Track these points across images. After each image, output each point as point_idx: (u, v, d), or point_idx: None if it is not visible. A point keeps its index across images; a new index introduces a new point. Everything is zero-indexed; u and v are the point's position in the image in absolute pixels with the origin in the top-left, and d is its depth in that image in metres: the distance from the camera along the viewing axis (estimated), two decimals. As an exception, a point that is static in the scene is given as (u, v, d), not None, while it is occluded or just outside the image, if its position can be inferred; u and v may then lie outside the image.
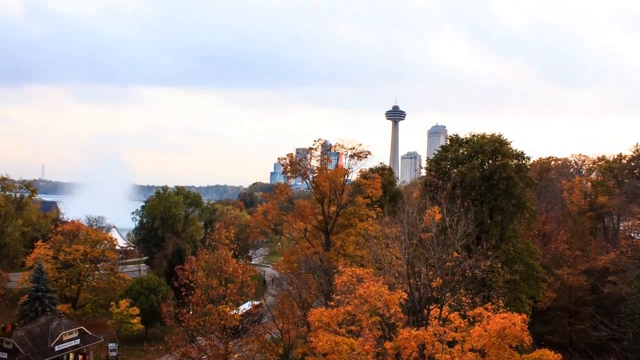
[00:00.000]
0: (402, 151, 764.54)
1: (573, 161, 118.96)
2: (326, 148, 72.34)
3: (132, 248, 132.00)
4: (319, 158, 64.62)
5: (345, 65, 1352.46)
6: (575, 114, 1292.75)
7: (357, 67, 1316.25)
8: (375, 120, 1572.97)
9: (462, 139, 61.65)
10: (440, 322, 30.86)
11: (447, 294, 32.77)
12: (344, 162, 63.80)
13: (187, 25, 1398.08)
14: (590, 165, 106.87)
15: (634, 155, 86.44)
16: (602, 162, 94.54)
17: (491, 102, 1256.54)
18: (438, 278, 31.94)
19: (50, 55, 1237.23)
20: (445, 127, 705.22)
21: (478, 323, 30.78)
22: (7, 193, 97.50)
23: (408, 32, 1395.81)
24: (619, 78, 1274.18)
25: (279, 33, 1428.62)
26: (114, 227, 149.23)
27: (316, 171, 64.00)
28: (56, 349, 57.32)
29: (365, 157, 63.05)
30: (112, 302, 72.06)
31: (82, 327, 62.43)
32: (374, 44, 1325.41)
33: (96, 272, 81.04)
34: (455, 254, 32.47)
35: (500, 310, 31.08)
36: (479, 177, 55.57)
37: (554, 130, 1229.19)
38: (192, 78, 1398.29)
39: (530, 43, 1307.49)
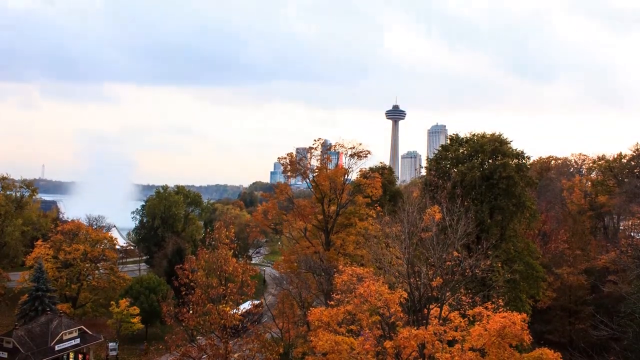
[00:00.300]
0: (402, 150, 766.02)
1: (573, 160, 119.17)
2: (326, 147, 72.44)
3: (132, 247, 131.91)
4: (319, 157, 64.70)
5: (343, 64, 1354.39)
6: (574, 112, 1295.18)
7: (356, 66, 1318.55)
8: (375, 120, 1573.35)
9: (462, 139, 61.65)
10: (441, 322, 30.87)
11: (447, 294, 32.76)
12: (344, 161, 63.86)
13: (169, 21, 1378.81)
14: (590, 164, 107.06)
15: (634, 154, 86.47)
16: (602, 161, 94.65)
17: (485, 100, 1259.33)
18: (438, 277, 31.94)
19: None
20: (445, 126, 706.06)
21: (478, 322, 30.78)
22: (8, 192, 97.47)
23: (409, 32, 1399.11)
24: (626, 78, 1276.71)
25: (277, 33, 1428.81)
26: (114, 226, 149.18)
27: (316, 170, 64.03)
28: (56, 348, 57.31)
29: (365, 156, 63.19)
30: (112, 302, 72.06)
31: (82, 327, 62.40)
32: (374, 42, 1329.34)
33: (96, 272, 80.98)
34: (456, 254, 32.47)
35: (500, 310, 31.07)
36: (479, 176, 55.58)
37: (549, 129, 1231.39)
38: (183, 76, 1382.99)
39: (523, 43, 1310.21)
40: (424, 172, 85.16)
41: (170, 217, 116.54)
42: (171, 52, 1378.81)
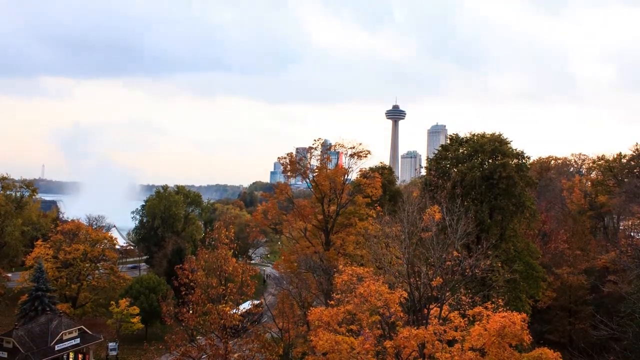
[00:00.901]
0: (402, 150, 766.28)
1: (573, 160, 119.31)
2: (326, 147, 72.35)
3: (132, 247, 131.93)
4: (319, 157, 64.63)
5: (339, 64, 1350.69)
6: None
7: (354, 66, 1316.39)
8: (375, 119, 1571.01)
9: (462, 138, 61.64)
10: (440, 321, 30.86)
11: (447, 293, 32.77)
12: (344, 161, 63.80)
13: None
14: (590, 164, 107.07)
15: (634, 154, 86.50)
16: (602, 161, 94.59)
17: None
18: (438, 277, 31.95)
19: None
20: (445, 126, 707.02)
21: (478, 322, 30.77)
22: (8, 192, 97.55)
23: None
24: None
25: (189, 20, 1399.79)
26: (114, 226, 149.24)
27: (316, 170, 63.97)
28: (56, 348, 57.31)
29: (365, 156, 63.05)
30: (112, 302, 72.07)
31: (82, 327, 62.41)
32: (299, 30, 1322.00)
33: (96, 272, 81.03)
34: (455, 253, 32.46)
35: (500, 310, 31.06)
36: (479, 176, 55.55)
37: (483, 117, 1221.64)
38: (108, 68, 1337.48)
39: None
40: (424, 172, 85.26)
41: (170, 217, 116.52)
42: (84, 42, 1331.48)
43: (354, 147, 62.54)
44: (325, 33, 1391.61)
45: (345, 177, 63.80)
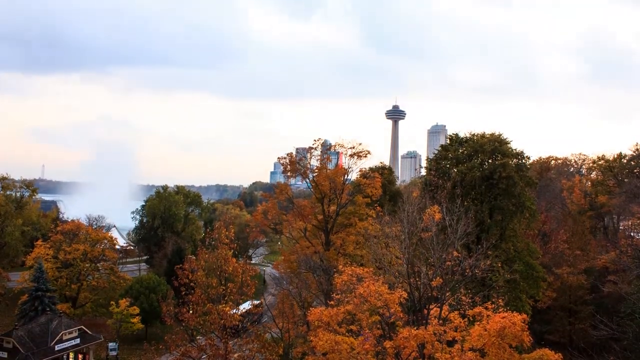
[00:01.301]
0: (402, 150, 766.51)
1: (573, 160, 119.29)
2: (326, 147, 72.43)
3: (132, 247, 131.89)
4: (319, 157, 64.75)
5: (333, 66, 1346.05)
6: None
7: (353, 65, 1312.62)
8: (375, 119, 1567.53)
9: (462, 139, 61.70)
10: (440, 322, 30.86)
11: (447, 294, 32.77)
12: (344, 161, 63.85)
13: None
14: (590, 164, 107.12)
15: (634, 154, 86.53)
16: (602, 161, 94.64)
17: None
18: (438, 277, 31.96)
19: None
20: (445, 126, 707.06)
21: (478, 322, 30.77)
22: (8, 192, 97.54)
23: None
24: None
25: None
26: (114, 226, 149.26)
27: (316, 170, 64.03)
28: (56, 348, 57.31)
29: (365, 156, 63.14)
30: (112, 302, 72.07)
31: (82, 327, 62.41)
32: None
33: (96, 272, 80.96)
34: (455, 253, 32.48)
35: (500, 310, 31.05)
36: (479, 176, 55.57)
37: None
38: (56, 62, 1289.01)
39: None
40: (424, 172, 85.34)
41: (170, 217, 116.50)
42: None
43: (353, 147, 62.64)
44: (264, 23, 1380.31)
45: (345, 177, 63.87)
